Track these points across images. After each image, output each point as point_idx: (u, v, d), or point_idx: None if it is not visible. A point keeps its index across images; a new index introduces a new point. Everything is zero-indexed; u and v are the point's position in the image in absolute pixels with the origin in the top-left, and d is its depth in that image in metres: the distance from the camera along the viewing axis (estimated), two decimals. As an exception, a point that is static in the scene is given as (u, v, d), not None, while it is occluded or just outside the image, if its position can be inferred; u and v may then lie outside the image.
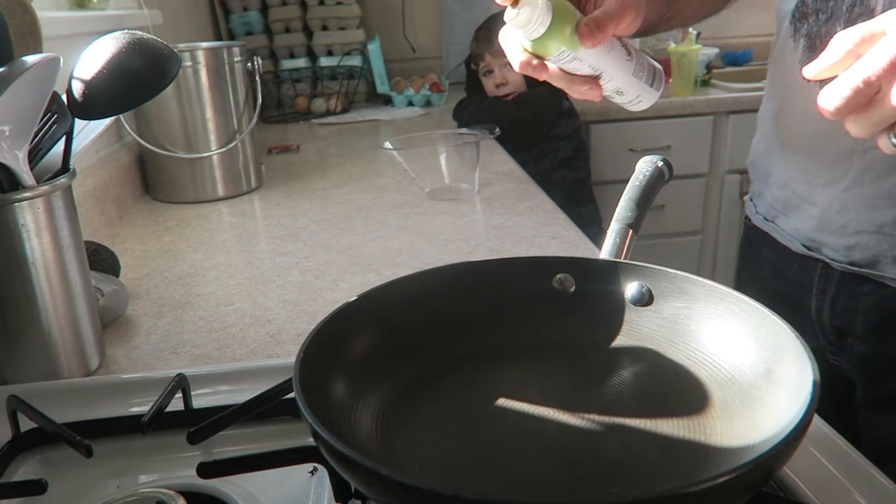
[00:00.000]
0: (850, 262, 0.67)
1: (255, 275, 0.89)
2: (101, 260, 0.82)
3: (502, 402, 0.47)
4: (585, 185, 1.89)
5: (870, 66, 0.38)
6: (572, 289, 0.54)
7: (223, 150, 1.24)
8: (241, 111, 1.27)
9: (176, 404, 0.52)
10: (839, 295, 0.69)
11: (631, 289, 0.52)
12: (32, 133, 0.58)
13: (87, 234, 0.83)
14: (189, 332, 0.74)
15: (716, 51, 2.38)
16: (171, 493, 0.45)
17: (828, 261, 0.69)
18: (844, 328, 0.70)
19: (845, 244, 0.66)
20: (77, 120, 0.62)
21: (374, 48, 2.18)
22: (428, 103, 2.19)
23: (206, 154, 1.23)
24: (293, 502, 0.46)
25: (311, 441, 0.37)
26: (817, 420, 0.48)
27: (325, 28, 2.23)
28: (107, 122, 0.70)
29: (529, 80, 1.77)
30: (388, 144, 1.20)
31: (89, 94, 0.59)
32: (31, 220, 0.58)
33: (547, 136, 1.79)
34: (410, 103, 2.19)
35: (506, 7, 0.50)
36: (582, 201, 1.85)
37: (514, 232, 0.99)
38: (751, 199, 0.82)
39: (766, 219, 0.78)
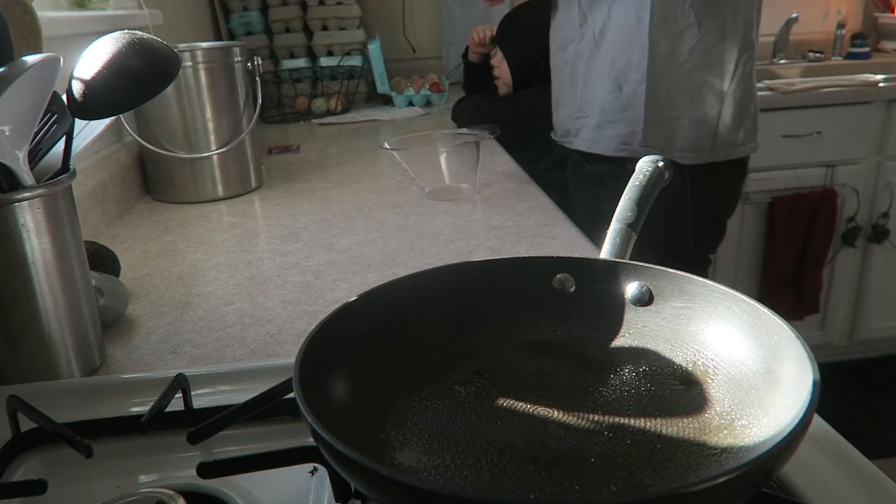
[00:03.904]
0: None
1: (255, 275, 0.89)
2: (101, 260, 0.81)
3: (502, 401, 0.47)
4: None
5: None
6: (572, 289, 0.54)
7: (223, 150, 1.24)
8: (241, 111, 1.27)
9: (176, 404, 0.52)
10: None
11: (631, 289, 0.52)
12: (32, 133, 0.58)
13: (87, 234, 0.83)
14: (189, 332, 0.74)
15: (716, 51, 2.38)
16: (171, 493, 0.45)
17: None
18: None
19: None
20: (77, 120, 0.61)
21: (374, 48, 2.18)
22: (428, 103, 2.19)
23: (206, 154, 1.23)
24: (293, 502, 0.46)
25: (311, 441, 0.37)
26: (817, 420, 0.48)
27: (325, 28, 2.23)
28: (107, 122, 0.70)
29: (526, 81, 1.77)
30: (388, 144, 1.20)
31: (89, 94, 0.59)
32: (31, 220, 0.58)
33: (543, 136, 1.78)
34: (410, 103, 2.19)
35: None
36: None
37: (514, 232, 0.99)
38: None
39: None
